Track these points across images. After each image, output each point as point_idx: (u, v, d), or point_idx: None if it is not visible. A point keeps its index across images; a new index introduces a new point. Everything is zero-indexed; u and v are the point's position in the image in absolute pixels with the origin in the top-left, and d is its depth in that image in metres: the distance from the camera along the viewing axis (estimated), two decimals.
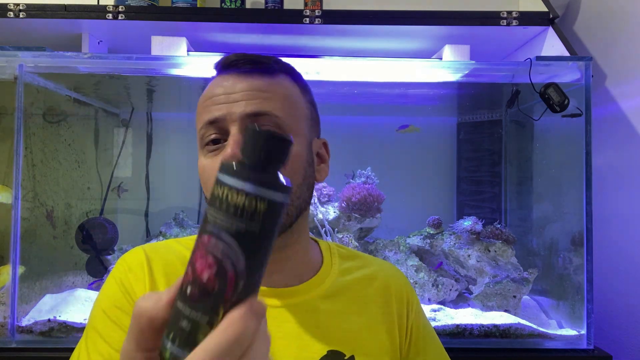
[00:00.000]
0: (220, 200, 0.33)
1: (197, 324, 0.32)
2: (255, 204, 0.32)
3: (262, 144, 0.33)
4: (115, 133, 1.64)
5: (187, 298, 0.33)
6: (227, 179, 0.33)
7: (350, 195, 1.36)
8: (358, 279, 0.74)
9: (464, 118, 1.66)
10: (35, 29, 1.30)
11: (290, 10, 1.29)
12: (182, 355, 0.32)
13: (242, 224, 0.32)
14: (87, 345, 0.60)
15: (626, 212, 1.26)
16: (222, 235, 0.32)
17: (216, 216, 0.33)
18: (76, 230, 1.39)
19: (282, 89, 0.65)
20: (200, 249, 0.33)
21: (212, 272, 0.32)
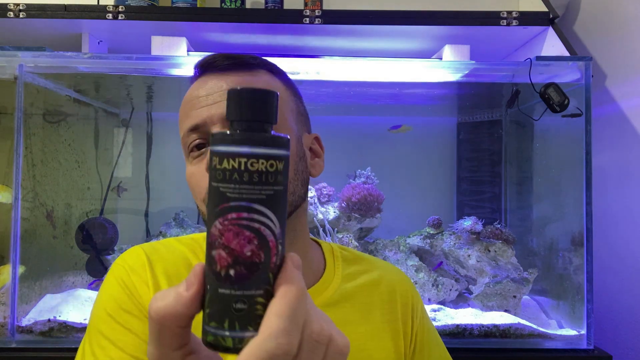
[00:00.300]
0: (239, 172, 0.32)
1: (255, 300, 0.32)
2: (276, 165, 0.33)
3: (258, 103, 0.33)
4: (115, 133, 1.64)
5: (234, 280, 0.32)
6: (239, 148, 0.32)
7: (351, 195, 1.36)
8: (362, 285, 0.71)
9: (464, 118, 1.66)
10: (35, 29, 1.30)
11: (290, 10, 1.29)
12: (250, 334, 0.32)
13: (270, 188, 0.33)
14: (93, 351, 0.58)
15: (626, 212, 1.26)
16: (253, 206, 0.32)
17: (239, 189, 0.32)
18: (76, 230, 1.39)
19: (263, 83, 0.63)
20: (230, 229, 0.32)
21: (255, 245, 0.32)
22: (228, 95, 0.34)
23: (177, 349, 0.34)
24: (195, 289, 0.33)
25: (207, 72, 0.63)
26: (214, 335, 0.32)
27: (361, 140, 1.65)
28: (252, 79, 0.63)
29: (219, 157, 0.33)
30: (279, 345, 0.30)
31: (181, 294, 0.33)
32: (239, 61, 0.63)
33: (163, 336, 0.33)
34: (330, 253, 0.74)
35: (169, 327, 0.33)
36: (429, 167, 1.70)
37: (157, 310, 0.33)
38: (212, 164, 0.33)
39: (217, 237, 0.33)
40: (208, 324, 0.33)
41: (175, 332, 0.33)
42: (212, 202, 0.33)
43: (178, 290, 0.33)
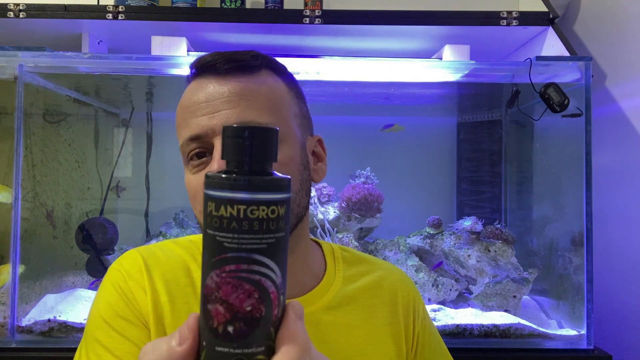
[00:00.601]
0: (238, 220, 0.29)
1: (255, 359, 0.30)
2: (277, 211, 0.30)
3: (257, 142, 0.30)
4: (115, 133, 1.64)
5: (233, 337, 0.29)
6: (238, 194, 0.29)
7: (351, 195, 1.36)
8: (363, 287, 0.70)
9: (464, 118, 1.66)
10: (35, 29, 1.30)
11: (290, 10, 1.29)
12: None
13: (271, 236, 0.30)
14: (89, 357, 0.58)
15: (626, 212, 1.26)
16: (253, 256, 0.30)
17: (238, 239, 0.29)
18: (76, 230, 1.39)
19: (266, 89, 0.59)
20: (228, 282, 0.30)
21: (255, 299, 0.30)
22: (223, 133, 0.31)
23: None
24: (189, 344, 0.31)
25: (205, 73, 0.60)
26: None
27: (361, 140, 1.65)
28: (255, 83, 0.59)
29: (215, 204, 0.30)
30: None
31: (174, 349, 0.31)
32: (241, 63, 0.59)
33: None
34: (330, 254, 0.73)
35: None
36: (429, 167, 1.70)
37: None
38: (208, 210, 0.30)
39: (213, 290, 0.30)
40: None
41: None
42: (207, 251, 0.30)
43: (171, 344, 0.31)
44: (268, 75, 0.61)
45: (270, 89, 0.60)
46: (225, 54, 0.60)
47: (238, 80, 0.58)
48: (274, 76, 0.62)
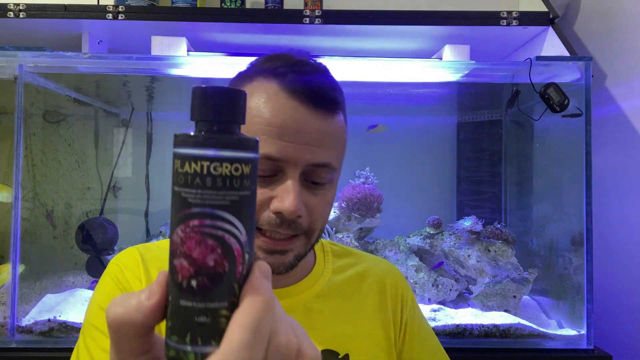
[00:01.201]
0: (202, 176, 0.30)
1: (218, 313, 0.30)
2: (241, 169, 0.31)
3: (224, 102, 0.31)
4: (115, 133, 1.64)
5: (196, 291, 0.30)
6: (202, 151, 0.30)
7: (351, 195, 1.36)
8: (352, 277, 0.73)
9: (464, 118, 1.66)
10: (35, 29, 1.30)
11: (290, 10, 1.29)
12: (213, 349, 0.29)
13: (234, 193, 0.31)
14: (86, 343, 0.60)
15: (626, 212, 1.26)
16: (216, 212, 0.30)
17: (202, 194, 0.30)
18: (76, 230, 1.39)
19: (342, 134, 0.63)
20: (191, 237, 0.30)
21: (218, 254, 0.30)
22: (193, 94, 0.32)
23: (138, 356, 0.32)
24: (156, 299, 0.31)
25: (298, 96, 0.58)
26: (175, 350, 0.30)
27: (361, 140, 1.65)
28: (336, 125, 0.61)
29: (181, 160, 0.31)
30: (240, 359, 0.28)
31: (142, 302, 0.31)
32: (332, 103, 0.60)
33: (121, 344, 0.31)
34: (320, 248, 0.75)
35: (127, 336, 0.31)
36: (429, 167, 1.70)
37: (114, 317, 0.31)
38: (174, 168, 0.31)
39: (178, 245, 0.31)
40: (169, 337, 0.31)
41: (134, 341, 0.31)
42: (173, 207, 0.31)
43: (140, 297, 0.31)
44: (342, 117, 0.64)
45: (343, 132, 0.64)
46: (325, 88, 0.60)
47: (325, 120, 0.60)
48: (343, 111, 0.65)
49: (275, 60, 0.61)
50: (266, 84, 0.59)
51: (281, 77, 0.59)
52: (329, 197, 0.63)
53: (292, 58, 0.62)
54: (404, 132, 1.69)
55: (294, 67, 0.60)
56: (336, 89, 0.63)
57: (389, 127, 1.62)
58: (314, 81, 0.60)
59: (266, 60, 0.62)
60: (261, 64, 0.62)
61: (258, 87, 0.60)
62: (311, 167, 0.59)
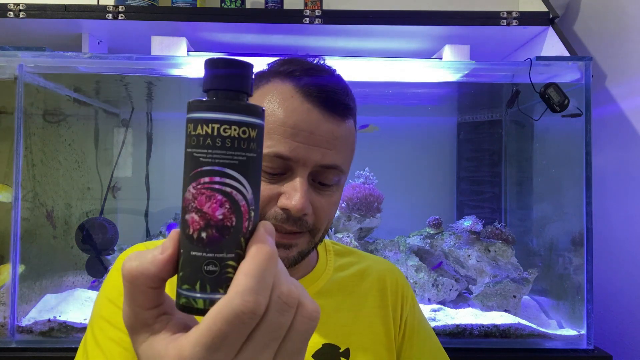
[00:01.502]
0: (212, 137, 0.33)
1: (226, 263, 0.33)
2: (248, 132, 0.33)
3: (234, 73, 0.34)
4: (115, 133, 1.64)
5: (206, 243, 0.33)
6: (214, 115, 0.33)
7: (351, 195, 1.36)
8: (353, 275, 0.75)
9: (464, 118, 1.66)
10: (35, 29, 1.30)
11: (290, 10, 1.29)
12: (219, 296, 0.32)
13: (242, 154, 0.33)
14: (94, 333, 0.61)
15: (626, 212, 1.26)
16: (225, 170, 0.33)
17: (212, 154, 0.33)
18: (76, 230, 1.39)
19: (351, 138, 0.65)
20: (202, 193, 0.33)
21: (227, 209, 0.33)
22: (205, 65, 0.34)
23: (149, 309, 0.34)
24: (169, 252, 0.33)
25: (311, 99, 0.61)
26: (186, 298, 0.33)
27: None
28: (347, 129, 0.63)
29: (194, 124, 0.33)
30: (245, 303, 0.30)
31: (156, 256, 0.33)
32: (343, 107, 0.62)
33: (135, 295, 0.33)
34: (322, 247, 0.78)
35: (140, 287, 0.33)
36: (429, 167, 1.70)
37: (129, 269, 0.33)
38: (187, 131, 0.34)
39: (190, 201, 0.33)
40: (181, 286, 0.33)
41: (147, 292, 0.33)
42: (186, 168, 0.34)
43: (154, 252, 0.34)
44: (352, 120, 0.66)
45: (352, 136, 0.66)
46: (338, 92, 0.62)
47: (337, 123, 0.62)
48: (354, 121, 0.67)
49: (292, 63, 0.63)
50: (282, 85, 0.62)
51: (297, 80, 0.61)
52: (335, 198, 0.65)
53: (308, 63, 0.64)
54: (404, 132, 1.69)
55: (310, 71, 0.62)
56: (349, 95, 0.65)
57: (391, 127, 1.62)
58: (328, 86, 0.62)
59: (283, 63, 0.64)
60: (278, 66, 0.64)
61: (274, 89, 0.62)
62: (320, 168, 0.61)
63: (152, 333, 0.33)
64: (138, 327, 0.34)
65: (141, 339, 0.33)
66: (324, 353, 0.66)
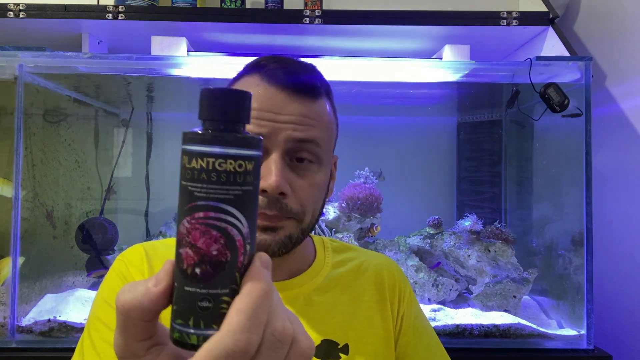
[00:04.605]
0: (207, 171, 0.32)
1: (220, 299, 0.32)
2: (245, 165, 0.33)
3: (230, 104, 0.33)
4: (115, 133, 1.64)
5: (200, 278, 0.32)
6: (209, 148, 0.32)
7: (353, 194, 1.36)
8: (350, 270, 0.75)
9: (464, 118, 1.66)
10: (35, 29, 1.30)
11: (290, 10, 1.29)
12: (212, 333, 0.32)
13: (237, 188, 0.33)
14: (90, 334, 0.61)
15: (626, 212, 1.26)
16: (220, 205, 0.32)
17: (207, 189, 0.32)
18: (76, 230, 1.39)
19: (324, 116, 0.64)
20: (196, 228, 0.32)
21: (221, 244, 0.32)
22: (201, 95, 0.34)
23: (142, 341, 0.34)
24: (163, 285, 0.33)
25: (273, 81, 0.62)
26: (179, 332, 0.33)
27: (361, 140, 1.65)
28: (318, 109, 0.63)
29: (189, 156, 0.33)
30: (236, 342, 0.30)
31: (150, 289, 0.33)
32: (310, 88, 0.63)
33: (127, 327, 0.33)
34: (320, 244, 0.78)
35: (133, 320, 0.33)
36: (429, 167, 1.70)
37: (123, 302, 0.33)
38: (182, 163, 0.34)
39: (184, 235, 0.33)
40: (174, 321, 0.33)
41: (139, 325, 0.33)
42: (181, 201, 0.34)
43: (147, 284, 0.33)
44: (326, 102, 0.66)
45: (327, 116, 0.65)
46: (298, 72, 0.63)
47: (304, 103, 0.62)
48: (328, 100, 0.67)
49: (259, 58, 0.65)
50: (249, 79, 0.64)
51: (262, 70, 0.63)
52: (316, 180, 0.64)
53: (275, 56, 0.65)
54: (404, 132, 1.69)
55: (274, 60, 0.64)
56: (316, 76, 0.65)
57: (391, 127, 1.62)
58: (293, 70, 0.63)
59: (252, 61, 0.66)
60: (247, 65, 0.66)
61: (242, 84, 0.64)
62: (293, 143, 0.61)
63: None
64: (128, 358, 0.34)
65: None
66: (323, 349, 0.66)
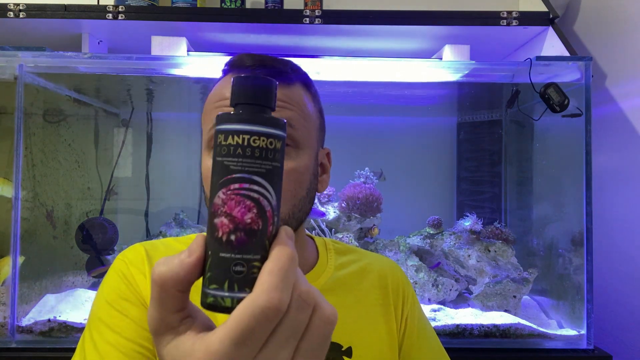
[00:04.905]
0: (243, 147, 0.35)
1: (252, 264, 0.35)
2: (275, 143, 0.36)
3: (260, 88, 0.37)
4: (115, 133, 1.64)
5: (234, 245, 0.35)
6: (244, 126, 0.36)
7: (353, 193, 1.36)
8: (354, 272, 0.75)
9: (464, 118, 1.66)
10: (35, 29, 1.30)
11: (290, 10, 1.29)
12: (245, 295, 0.34)
13: (269, 163, 0.36)
14: (92, 336, 0.61)
15: (626, 212, 1.26)
16: (254, 178, 0.35)
17: (242, 162, 0.35)
18: (76, 230, 1.39)
19: (297, 99, 0.64)
20: (232, 198, 0.35)
21: (254, 213, 0.35)
22: (234, 82, 0.37)
23: (176, 312, 0.35)
24: (197, 256, 0.35)
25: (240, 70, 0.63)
26: (213, 297, 0.35)
27: (361, 140, 1.65)
28: (290, 93, 0.63)
29: (225, 134, 0.36)
30: (270, 299, 0.32)
31: (184, 260, 0.35)
32: (280, 74, 0.63)
33: (163, 299, 0.35)
34: (323, 246, 0.77)
35: (170, 291, 0.34)
36: (429, 167, 1.70)
37: (160, 273, 0.35)
38: (217, 141, 0.36)
39: (219, 206, 0.36)
40: (208, 286, 0.35)
41: (175, 296, 0.35)
42: (216, 175, 0.36)
43: (180, 257, 0.35)
44: (300, 88, 0.66)
45: (301, 100, 0.65)
46: (265, 61, 0.63)
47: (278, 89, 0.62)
48: (305, 90, 0.67)
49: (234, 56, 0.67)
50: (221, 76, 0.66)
51: (230, 65, 0.65)
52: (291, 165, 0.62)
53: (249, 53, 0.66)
54: (404, 132, 1.69)
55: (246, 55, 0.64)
56: (290, 66, 0.66)
57: (391, 127, 1.62)
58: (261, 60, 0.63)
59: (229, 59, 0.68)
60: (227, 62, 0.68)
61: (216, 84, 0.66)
62: None
63: (177, 334, 0.35)
64: (163, 330, 0.35)
65: (166, 341, 0.35)
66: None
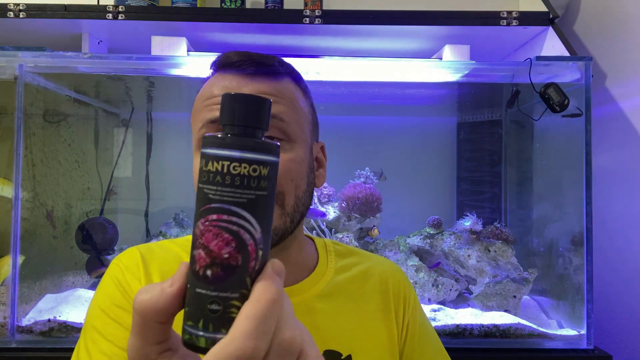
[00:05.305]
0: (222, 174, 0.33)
1: (230, 303, 0.32)
2: (259, 170, 0.33)
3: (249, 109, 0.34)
4: (115, 133, 1.64)
5: (210, 280, 0.32)
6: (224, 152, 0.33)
7: (353, 193, 1.36)
8: (354, 277, 0.73)
9: (464, 118, 1.66)
10: (35, 29, 1.30)
11: (290, 10, 1.29)
12: (221, 337, 0.32)
13: (251, 192, 0.33)
14: (86, 345, 0.60)
15: (626, 212, 1.26)
16: (233, 208, 0.33)
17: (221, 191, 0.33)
18: (76, 230, 1.39)
19: (287, 93, 0.63)
20: (210, 230, 0.33)
21: (233, 247, 0.32)
22: (222, 100, 0.34)
23: (155, 344, 0.34)
24: (178, 286, 0.33)
25: (229, 71, 0.63)
26: (189, 335, 0.33)
27: (361, 140, 1.65)
28: (279, 86, 0.62)
29: (206, 159, 0.33)
30: (244, 347, 0.29)
31: (165, 289, 0.33)
32: (266, 68, 0.62)
33: (143, 329, 0.33)
34: (323, 248, 0.76)
35: (149, 321, 0.33)
36: (429, 167, 1.70)
37: (140, 302, 0.33)
38: (200, 166, 0.34)
39: (198, 237, 0.33)
40: (186, 322, 0.33)
41: (155, 327, 0.33)
42: (198, 202, 0.34)
43: (163, 285, 0.34)
44: (289, 83, 0.65)
45: (290, 93, 0.64)
46: (251, 55, 0.62)
47: (263, 83, 0.62)
48: (294, 84, 0.66)
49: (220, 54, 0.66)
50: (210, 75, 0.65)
51: (216, 64, 0.64)
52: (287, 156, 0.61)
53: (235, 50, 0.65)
54: (404, 132, 1.69)
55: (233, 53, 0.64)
56: (278, 62, 0.65)
57: (391, 127, 1.62)
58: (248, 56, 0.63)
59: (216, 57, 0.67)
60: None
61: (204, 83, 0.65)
62: None
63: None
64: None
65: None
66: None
